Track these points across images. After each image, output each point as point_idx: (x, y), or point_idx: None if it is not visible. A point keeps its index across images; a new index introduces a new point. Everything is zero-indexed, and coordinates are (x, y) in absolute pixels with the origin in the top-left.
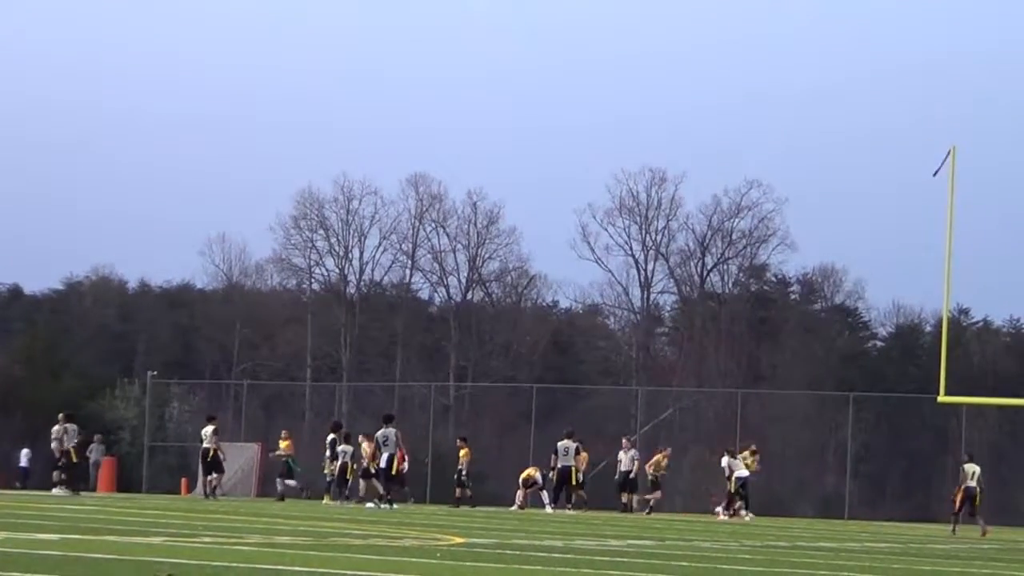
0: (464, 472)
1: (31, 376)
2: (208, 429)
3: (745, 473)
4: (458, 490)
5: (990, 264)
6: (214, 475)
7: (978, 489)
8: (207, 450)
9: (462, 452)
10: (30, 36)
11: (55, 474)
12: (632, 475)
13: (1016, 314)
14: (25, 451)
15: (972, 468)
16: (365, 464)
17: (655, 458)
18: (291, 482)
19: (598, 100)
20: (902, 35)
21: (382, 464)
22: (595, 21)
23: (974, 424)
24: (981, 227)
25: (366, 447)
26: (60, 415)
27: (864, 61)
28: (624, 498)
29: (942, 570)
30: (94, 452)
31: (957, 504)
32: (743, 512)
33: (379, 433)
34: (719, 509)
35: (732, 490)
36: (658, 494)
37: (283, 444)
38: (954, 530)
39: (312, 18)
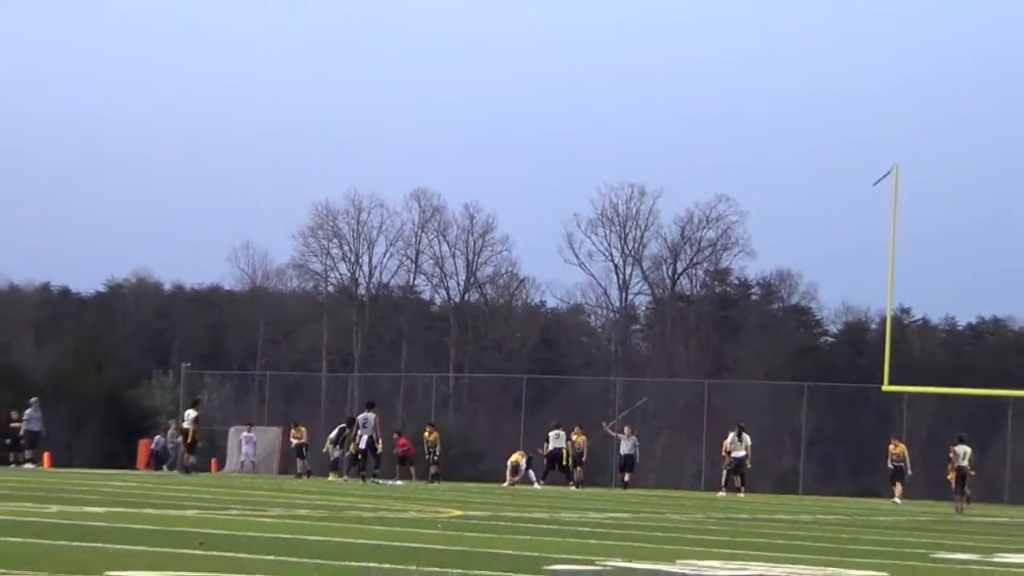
0: (436, 452)
1: (78, 368)
2: (190, 412)
3: (741, 454)
4: (432, 467)
5: (929, 268)
6: (190, 455)
7: (969, 469)
8: (187, 431)
9: (432, 436)
10: (80, 57)
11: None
12: (634, 459)
13: (951, 313)
14: (159, 437)
15: (963, 449)
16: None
17: (898, 449)
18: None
19: (584, 121)
20: (850, 61)
21: (361, 445)
22: (582, 52)
23: (914, 411)
24: (922, 235)
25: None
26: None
27: (819, 85)
28: (626, 477)
29: (885, 539)
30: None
31: (954, 484)
32: (740, 491)
33: (360, 416)
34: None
35: (729, 468)
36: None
37: (295, 432)
38: (959, 509)
39: (323, 53)
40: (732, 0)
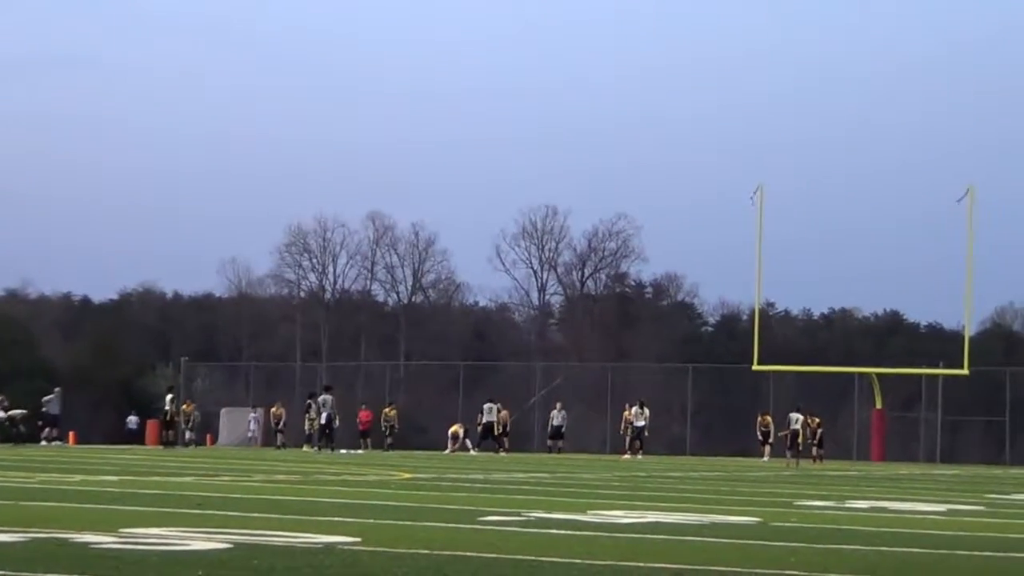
0: (393, 425)
1: (95, 362)
2: (168, 397)
3: (641, 423)
4: (388, 439)
5: (789, 269)
6: (170, 432)
7: (800, 431)
8: (165, 412)
9: (391, 412)
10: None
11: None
12: (562, 428)
13: (807, 305)
14: (132, 417)
15: (795, 416)
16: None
17: (765, 419)
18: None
19: (508, 155)
20: (718, 94)
21: (322, 421)
22: (509, 104)
23: (779, 386)
24: (783, 241)
25: None
26: (58, 389)
27: (694, 119)
28: (549, 443)
29: (756, 490)
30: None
31: (788, 443)
32: (639, 454)
33: (320, 398)
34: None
35: (631, 435)
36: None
37: (274, 410)
38: (797, 463)
39: (296, 104)
40: (628, 61)
